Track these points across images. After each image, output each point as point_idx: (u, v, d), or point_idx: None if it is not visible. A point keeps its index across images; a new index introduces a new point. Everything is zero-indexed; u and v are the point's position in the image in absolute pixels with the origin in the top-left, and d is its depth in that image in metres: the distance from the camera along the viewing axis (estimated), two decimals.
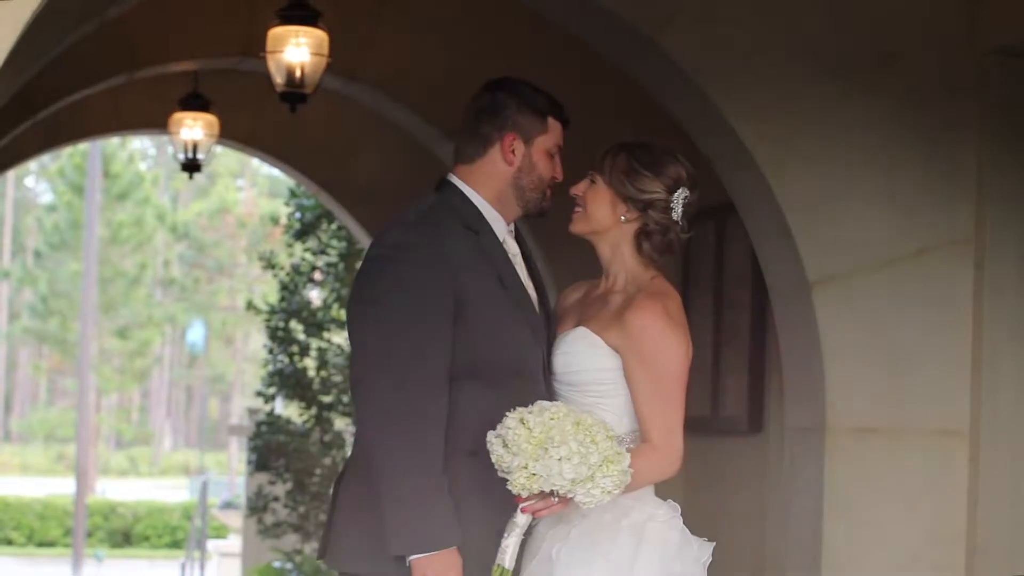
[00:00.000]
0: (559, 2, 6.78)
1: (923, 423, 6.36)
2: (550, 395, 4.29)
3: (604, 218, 4.34)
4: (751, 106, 6.34)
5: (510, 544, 4.11)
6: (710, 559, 4.26)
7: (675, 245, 4.36)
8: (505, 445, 3.99)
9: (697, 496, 8.53)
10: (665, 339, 4.21)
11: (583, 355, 4.27)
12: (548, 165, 4.35)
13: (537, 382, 4.28)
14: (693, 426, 8.36)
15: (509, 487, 4.00)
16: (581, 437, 3.96)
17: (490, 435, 4.03)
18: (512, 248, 4.39)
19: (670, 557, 4.17)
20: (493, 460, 4.01)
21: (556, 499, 4.04)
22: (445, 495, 4.10)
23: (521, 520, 4.11)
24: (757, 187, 6.43)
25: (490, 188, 4.34)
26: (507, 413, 4.02)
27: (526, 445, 3.95)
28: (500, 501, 4.08)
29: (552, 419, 3.97)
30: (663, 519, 4.22)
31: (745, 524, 8.22)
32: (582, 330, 4.29)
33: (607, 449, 3.98)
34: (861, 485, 6.31)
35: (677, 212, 4.32)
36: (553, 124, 4.35)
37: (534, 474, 3.96)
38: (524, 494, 4.01)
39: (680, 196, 4.32)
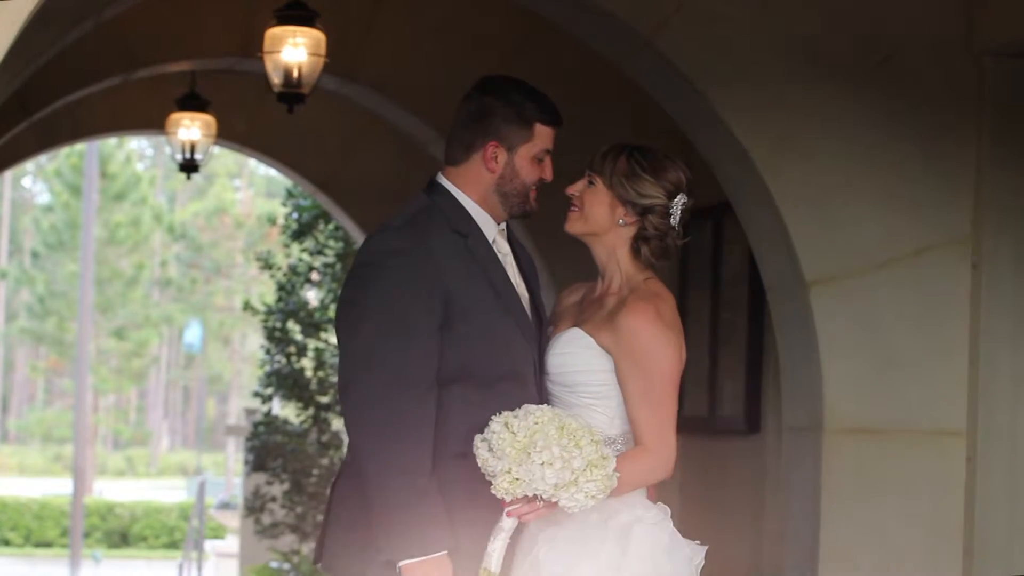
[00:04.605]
0: (556, 2, 6.77)
1: (920, 423, 6.36)
2: (542, 396, 4.28)
3: (601, 220, 4.31)
4: (748, 106, 6.34)
5: (496, 548, 4.09)
6: (703, 562, 4.24)
7: (672, 250, 4.34)
8: (490, 449, 3.98)
9: (694, 496, 8.53)
10: (656, 341, 4.18)
11: (576, 356, 4.25)
12: (533, 171, 4.30)
13: (528, 384, 4.26)
14: (690, 426, 8.40)
15: (493, 491, 3.99)
16: (564, 442, 3.95)
17: (476, 439, 4.02)
18: (503, 248, 4.36)
19: (659, 559, 4.15)
20: (479, 464, 4.01)
21: (541, 503, 4.03)
22: (434, 499, 4.08)
23: (507, 524, 4.09)
24: (754, 187, 6.43)
25: (475, 191, 4.31)
26: (493, 417, 4.01)
27: (510, 449, 3.95)
28: (490, 504, 4.06)
29: (536, 423, 3.96)
30: (652, 521, 4.20)
31: (742, 524, 8.22)
32: (576, 331, 4.27)
33: (591, 454, 3.97)
34: (858, 485, 6.31)
35: (676, 218, 4.31)
36: (541, 130, 4.29)
37: (517, 479, 3.95)
38: (508, 498, 4.00)
39: (679, 202, 4.30)
